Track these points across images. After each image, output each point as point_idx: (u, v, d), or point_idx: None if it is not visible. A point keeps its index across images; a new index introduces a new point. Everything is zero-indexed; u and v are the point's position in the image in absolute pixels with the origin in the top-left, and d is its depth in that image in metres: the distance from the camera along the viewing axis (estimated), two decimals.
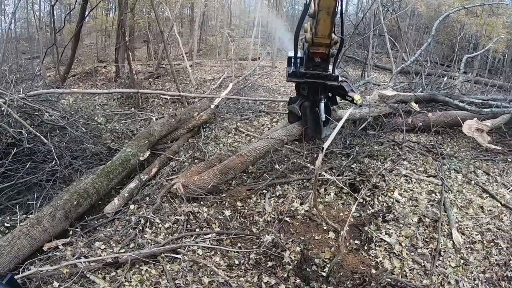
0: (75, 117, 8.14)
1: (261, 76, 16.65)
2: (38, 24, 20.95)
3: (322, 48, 6.58)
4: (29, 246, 5.05)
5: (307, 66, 7.05)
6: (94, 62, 17.26)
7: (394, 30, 20.38)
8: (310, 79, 7.13)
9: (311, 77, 7.08)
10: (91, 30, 22.64)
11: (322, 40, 6.35)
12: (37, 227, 5.14)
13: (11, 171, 6.45)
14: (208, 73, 17.24)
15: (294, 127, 8.04)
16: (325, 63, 6.98)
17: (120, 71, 14.86)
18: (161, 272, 4.63)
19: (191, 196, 5.99)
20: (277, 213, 5.84)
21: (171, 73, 12.98)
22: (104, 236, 5.31)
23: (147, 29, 18.18)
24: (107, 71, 17.67)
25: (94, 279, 4.55)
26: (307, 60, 7.02)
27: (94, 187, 6.16)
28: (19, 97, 6.86)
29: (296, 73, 7.13)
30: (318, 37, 6.30)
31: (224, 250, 4.99)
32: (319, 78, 7.07)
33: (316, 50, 6.63)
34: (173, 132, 8.88)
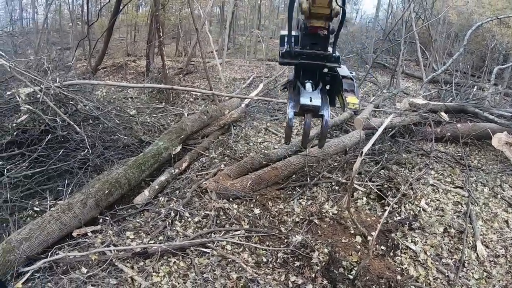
0: (108, 109, 8.26)
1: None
2: (70, 16, 21.39)
3: (320, 21, 5.95)
4: (59, 231, 5.16)
5: (303, 45, 6.26)
6: (124, 56, 17.51)
7: (423, 37, 20.19)
8: (306, 60, 6.32)
9: (307, 57, 6.29)
10: (120, 24, 22.97)
11: (321, 10, 5.73)
12: (67, 213, 5.25)
13: (43, 157, 6.56)
14: (237, 72, 17.29)
15: (331, 146, 7.82)
16: (324, 40, 6.24)
17: (151, 66, 15.00)
18: (189, 265, 4.68)
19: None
20: (306, 214, 5.84)
21: (202, 70, 13.09)
22: (133, 227, 5.39)
23: (178, 26, 18.34)
24: (137, 65, 17.87)
25: (122, 267, 4.63)
26: (302, 37, 6.25)
27: (126, 177, 6.25)
28: (55, 86, 6.98)
29: (291, 53, 6.31)
30: (316, 6, 5.66)
31: (253, 247, 5.03)
32: (317, 59, 6.28)
33: (314, 24, 5.99)
34: (204, 129, 8.91)
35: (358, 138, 8.07)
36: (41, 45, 16.35)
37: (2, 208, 5.85)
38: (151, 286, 4.35)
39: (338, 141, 8.07)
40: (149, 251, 4.77)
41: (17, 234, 4.90)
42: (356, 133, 8.16)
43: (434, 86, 15.29)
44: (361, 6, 56.73)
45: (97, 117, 7.57)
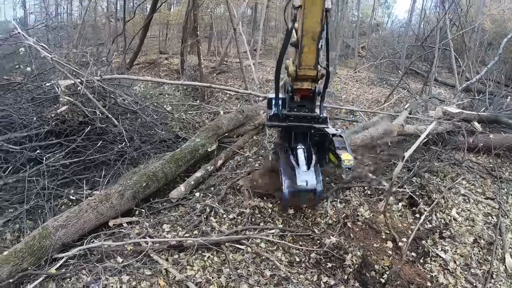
0: (145, 104, 8.42)
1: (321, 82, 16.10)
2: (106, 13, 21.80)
3: (307, 83, 5.69)
4: (95, 220, 5.30)
5: (290, 107, 5.98)
6: (158, 54, 17.76)
7: (456, 44, 19.86)
8: (294, 122, 5.97)
9: (295, 119, 5.96)
10: (152, 23, 23.33)
11: (308, 72, 5.50)
12: (105, 203, 5.39)
13: (80, 148, 6.75)
14: (270, 73, 17.24)
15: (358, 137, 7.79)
16: (311, 102, 6.00)
17: (184, 64, 15.18)
18: (224, 261, 4.75)
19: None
20: (340, 217, 5.84)
21: (235, 70, 13.19)
22: (168, 220, 5.49)
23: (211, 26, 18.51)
24: (169, 63, 18.16)
25: (157, 259, 4.71)
26: (290, 100, 5.99)
27: (163, 171, 6.37)
28: (95, 79, 7.16)
29: (278, 116, 5.99)
30: (303, 69, 5.47)
31: (286, 246, 5.08)
32: (305, 121, 5.97)
33: (301, 86, 5.72)
34: (239, 128, 8.96)
35: (385, 130, 8.00)
36: (80, 40, 16.71)
37: (39, 195, 6.04)
38: (185, 279, 4.40)
39: (366, 133, 8.00)
40: (185, 244, 4.86)
41: (53, 221, 5.05)
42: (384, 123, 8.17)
43: (466, 95, 15.07)
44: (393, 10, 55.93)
45: (135, 112, 7.72)
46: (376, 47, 23.95)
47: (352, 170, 5.80)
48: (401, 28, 29.07)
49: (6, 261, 4.54)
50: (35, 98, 7.62)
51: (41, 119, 7.05)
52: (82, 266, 4.72)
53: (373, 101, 15.18)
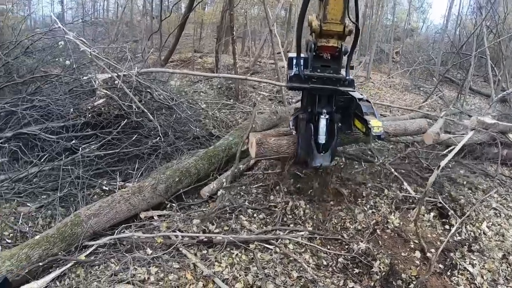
0: (180, 100, 8.56)
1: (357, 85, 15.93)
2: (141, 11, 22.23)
3: (333, 40, 5.13)
4: (127, 211, 5.43)
5: (313, 67, 5.42)
6: (192, 52, 17.97)
7: (492, 52, 19.36)
8: (317, 84, 5.44)
9: (318, 81, 5.41)
10: (187, 21, 23.67)
11: (333, 27, 4.95)
12: (138, 195, 5.51)
13: (115, 140, 6.92)
14: None
15: (391, 125, 7.22)
16: (336, 62, 5.41)
17: (219, 63, 15.33)
18: (251, 259, 4.77)
19: (262, 157, 6.01)
20: (369, 223, 5.81)
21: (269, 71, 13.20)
22: (197, 215, 5.55)
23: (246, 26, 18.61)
24: (203, 62, 18.36)
25: (186, 253, 4.78)
26: (313, 59, 5.39)
27: (196, 167, 6.45)
28: (132, 74, 7.31)
29: (300, 77, 5.41)
30: (328, 23, 4.91)
31: (314, 249, 5.07)
32: (329, 83, 5.42)
33: (326, 44, 5.16)
34: (272, 128, 8.63)
35: (420, 126, 7.54)
36: (118, 36, 17.10)
37: (73, 183, 6.24)
38: (213, 274, 4.45)
39: (400, 123, 7.59)
40: (214, 240, 4.92)
41: (86, 209, 5.20)
42: (419, 120, 7.76)
43: (502, 105, 14.73)
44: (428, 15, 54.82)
45: (170, 107, 7.86)
46: (411, 52, 23.51)
47: (382, 137, 5.56)
48: (437, 34, 28.52)
49: (38, 245, 4.72)
50: (73, 90, 7.84)
51: (77, 111, 7.25)
52: (112, 255, 4.84)
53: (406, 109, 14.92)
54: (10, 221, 5.85)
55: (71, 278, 4.59)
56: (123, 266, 4.64)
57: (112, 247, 5.00)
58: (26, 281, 4.49)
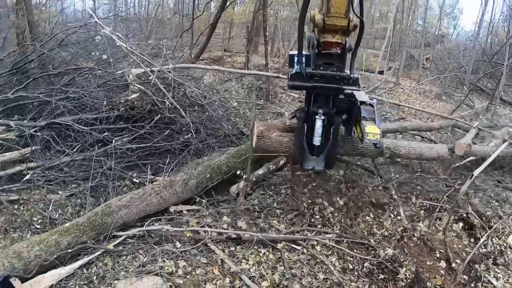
0: (213, 98, 8.66)
1: (385, 92, 15.85)
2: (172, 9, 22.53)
3: (336, 36, 4.79)
4: (157, 204, 5.52)
5: (316, 65, 5.02)
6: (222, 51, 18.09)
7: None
8: (320, 83, 5.04)
9: (321, 79, 5.03)
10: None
11: (337, 22, 4.63)
12: (169, 189, 5.60)
13: (147, 134, 7.02)
14: None
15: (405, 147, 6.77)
16: (340, 59, 5.02)
17: (249, 63, 15.41)
18: (278, 259, 4.81)
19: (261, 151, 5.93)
20: (396, 230, 5.79)
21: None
22: (226, 212, 5.62)
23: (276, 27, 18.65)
24: (233, 61, 18.49)
25: (214, 249, 4.86)
26: (316, 56, 5.00)
27: (227, 165, 6.48)
28: (166, 70, 7.44)
29: (301, 75, 5.03)
30: (332, 17, 4.59)
31: (341, 252, 5.07)
32: (333, 81, 5.03)
33: (329, 39, 4.79)
34: None
35: (438, 154, 7.10)
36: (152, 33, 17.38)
37: (104, 174, 6.38)
38: (240, 271, 4.51)
39: (416, 146, 7.17)
40: (242, 238, 4.97)
41: (117, 200, 5.31)
42: (439, 146, 7.35)
43: None
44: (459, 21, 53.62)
45: (202, 105, 7.95)
46: (441, 59, 23.07)
47: (378, 146, 5.33)
48: (468, 40, 27.90)
49: (67, 232, 4.85)
50: (106, 83, 8.04)
51: (111, 104, 7.40)
52: (140, 247, 4.95)
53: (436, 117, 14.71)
54: (40, 207, 6.03)
55: (99, 267, 4.71)
56: (151, 258, 4.73)
57: (141, 238, 5.10)
58: (54, 266, 4.62)
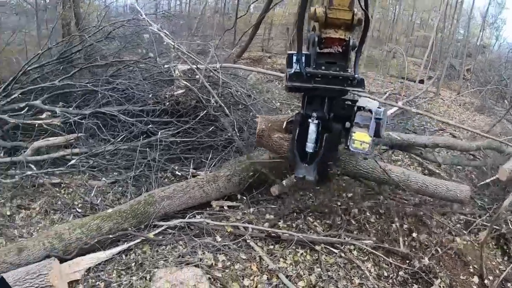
0: (258, 98, 8.78)
1: (424, 101, 15.51)
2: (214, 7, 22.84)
3: (339, 31, 4.35)
4: (199, 198, 5.67)
5: (317, 64, 4.51)
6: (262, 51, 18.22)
7: None
8: (321, 84, 4.51)
9: (323, 80, 4.50)
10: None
11: (341, 15, 4.22)
12: (212, 184, 5.72)
13: (190, 129, 7.23)
14: (372, 85, 17.02)
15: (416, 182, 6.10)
16: (343, 58, 4.53)
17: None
18: (316, 260, 4.88)
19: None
20: (433, 242, 5.74)
21: None
22: (266, 211, 5.72)
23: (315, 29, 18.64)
24: (272, 62, 18.61)
25: (253, 245, 4.97)
26: (316, 55, 4.53)
27: (270, 164, 6.41)
28: (213, 68, 7.61)
29: (301, 75, 4.50)
30: (334, 9, 4.19)
31: (377, 259, 5.10)
32: (335, 82, 4.51)
33: (332, 35, 4.35)
34: None
35: (456, 196, 6.15)
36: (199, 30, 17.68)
37: (146, 165, 6.60)
38: (278, 269, 4.60)
39: (430, 182, 6.23)
40: (282, 237, 5.06)
41: (160, 191, 5.47)
42: (462, 188, 6.30)
43: None
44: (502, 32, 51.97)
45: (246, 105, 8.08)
46: (482, 70, 22.43)
47: (367, 155, 4.61)
48: (510, 53, 27.09)
49: (110, 218, 5.04)
50: (152, 77, 8.29)
51: (156, 97, 7.62)
52: (180, 238, 5.10)
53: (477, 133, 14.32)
54: (81, 192, 6.31)
55: (137, 254, 4.89)
56: (190, 249, 4.88)
57: (181, 230, 5.25)
58: (93, 250, 4.83)
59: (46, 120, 7.37)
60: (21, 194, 6.36)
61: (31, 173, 6.56)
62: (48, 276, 4.07)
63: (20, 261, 4.51)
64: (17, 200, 6.26)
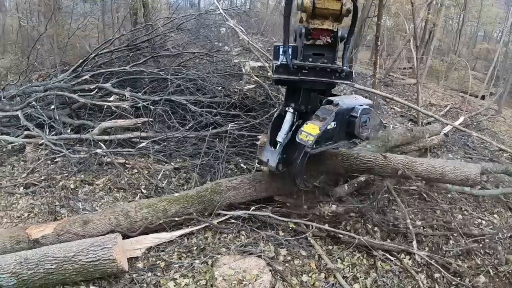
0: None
1: (485, 119, 14.80)
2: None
3: (327, 22, 4.35)
4: (265, 192, 5.85)
5: (304, 56, 4.53)
6: None
7: None
8: (308, 76, 4.52)
9: (310, 72, 4.50)
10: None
11: (329, 5, 4.22)
12: (277, 180, 5.75)
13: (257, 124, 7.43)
14: (432, 97, 16.63)
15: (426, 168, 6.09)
16: (331, 50, 4.55)
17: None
18: (371, 265, 5.00)
19: None
20: (484, 263, 5.70)
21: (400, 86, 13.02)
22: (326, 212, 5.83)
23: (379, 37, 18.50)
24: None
25: (313, 243, 5.15)
26: (304, 47, 4.53)
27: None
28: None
29: (288, 67, 4.49)
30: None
31: (430, 272, 5.12)
32: (322, 74, 4.51)
33: (319, 26, 4.36)
34: (404, 146, 8.73)
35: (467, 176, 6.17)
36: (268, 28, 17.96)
37: (212, 155, 6.90)
38: (336, 269, 4.77)
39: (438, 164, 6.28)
40: (342, 238, 5.20)
41: (227, 181, 5.67)
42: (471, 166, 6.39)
43: None
44: None
45: None
46: None
47: (308, 150, 4.46)
48: None
49: (176, 201, 5.30)
50: (221, 70, 8.58)
51: (225, 91, 7.91)
52: (243, 228, 5.34)
53: None
54: (145, 173, 6.69)
55: (199, 239, 5.17)
56: (252, 240, 5.12)
57: (246, 221, 5.48)
58: (156, 230, 5.13)
59: (115, 102, 7.81)
60: (87, 170, 6.80)
61: (100, 151, 7.01)
62: (112, 249, 4.32)
63: (84, 233, 4.82)
64: (81, 175, 6.70)
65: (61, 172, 6.82)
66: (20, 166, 7.23)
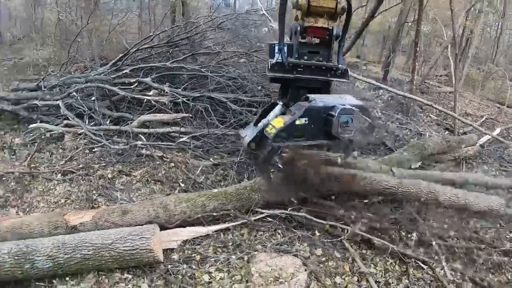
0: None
1: None
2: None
3: (322, 20, 4.38)
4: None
5: (299, 54, 4.58)
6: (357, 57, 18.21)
7: None
8: (304, 74, 4.61)
9: (305, 70, 4.59)
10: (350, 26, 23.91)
11: (324, 3, 4.25)
12: None
13: None
14: (468, 106, 16.37)
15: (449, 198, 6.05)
16: (326, 47, 4.60)
17: (388, 75, 15.38)
18: (403, 272, 5.02)
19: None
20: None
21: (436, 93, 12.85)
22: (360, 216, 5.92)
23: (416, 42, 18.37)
24: (367, 69, 18.73)
25: (348, 246, 5.25)
26: (299, 45, 4.56)
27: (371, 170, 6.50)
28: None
29: (283, 65, 4.55)
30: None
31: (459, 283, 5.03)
32: (318, 72, 4.59)
33: (314, 24, 4.40)
34: (440, 155, 8.63)
35: (490, 207, 6.14)
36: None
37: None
38: (369, 273, 4.85)
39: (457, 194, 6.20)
40: (376, 244, 5.25)
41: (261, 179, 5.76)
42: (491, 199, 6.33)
43: None
44: None
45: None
46: None
47: (270, 143, 4.52)
48: None
49: (215, 197, 5.47)
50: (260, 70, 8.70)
51: (265, 90, 8.06)
52: (280, 227, 5.46)
53: None
54: (182, 168, 6.88)
55: (235, 235, 5.32)
56: (288, 239, 5.25)
57: (282, 220, 5.60)
58: (192, 224, 5.27)
59: (155, 97, 8.04)
60: (125, 161, 7.03)
61: (140, 143, 7.26)
62: (150, 239, 4.48)
63: (123, 222, 5.00)
64: (119, 166, 6.93)
65: (98, 162, 7.09)
66: (59, 153, 7.51)
